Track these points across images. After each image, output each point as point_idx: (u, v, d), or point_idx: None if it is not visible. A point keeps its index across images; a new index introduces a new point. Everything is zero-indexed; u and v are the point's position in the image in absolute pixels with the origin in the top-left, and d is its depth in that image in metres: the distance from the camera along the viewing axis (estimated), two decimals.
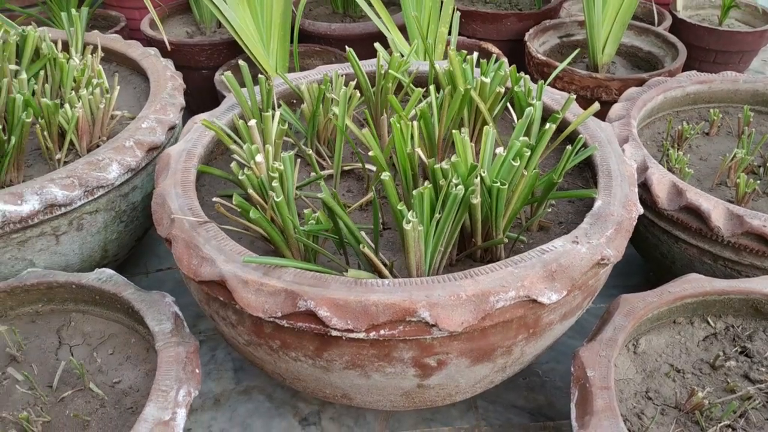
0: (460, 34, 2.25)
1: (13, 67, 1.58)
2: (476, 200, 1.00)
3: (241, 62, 1.41)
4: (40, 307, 1.30)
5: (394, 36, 1.98)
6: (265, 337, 1.03)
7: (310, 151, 1.28)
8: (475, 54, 1.40)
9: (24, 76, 1.50)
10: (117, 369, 1.20)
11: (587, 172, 1.37)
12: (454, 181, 1.00)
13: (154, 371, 1.17)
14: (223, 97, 2.00)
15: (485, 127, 1.10)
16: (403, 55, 1.79)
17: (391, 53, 1.97)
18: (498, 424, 1.39)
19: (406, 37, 2.06)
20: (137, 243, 1.65)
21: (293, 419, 1.41)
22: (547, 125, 1.14)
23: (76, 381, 1.17)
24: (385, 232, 1.23)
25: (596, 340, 1.10)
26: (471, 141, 1.35)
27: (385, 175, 1.00)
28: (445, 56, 2.09)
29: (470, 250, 1.13)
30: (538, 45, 2.28)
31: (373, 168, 1.33)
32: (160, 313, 1.19)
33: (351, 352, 0.99)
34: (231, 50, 2.23)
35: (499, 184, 1.01)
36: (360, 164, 1.34)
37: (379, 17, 1.98)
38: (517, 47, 2.32)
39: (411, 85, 1.43)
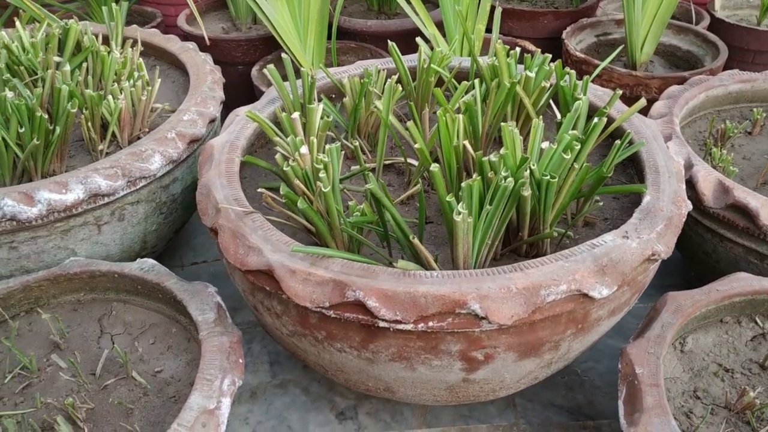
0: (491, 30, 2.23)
1: (56, 58, 1.60)
2: (527, 193, 0.99)
3: (284, 56, 1.41)
4: (82, 296, 1.31)
5: (432, 32, 1.97)
6: (311, 327, 1.03)
7: (356, 143, 1.28)
8: (518, 49, 1.39)
9: (67, 68, 1.52)
10: (158, 358, 1.20)
11: (631, 168, 1.35)
12: (503, 173, 0.99)
13: (195, 361, 1.17)
14: (260, 92, 2.00)
15: (534, 120, 1.09)
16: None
17: (432, 48, 1.96)
18: (537, 423, 1.37)
19: (443, 34, 2.05)
20: (175, 235, 1.66)
21: (330, 413, 1.41)
22: (596, 119, 1.12)
23: (119, 369, 1.17)
24: (426, 226, 1.22)
25: (644, 337, 1.08)
26: None
27: (434, 167, 0.99)
28: (483, 53, 2.07)
29: (516, 244, 1.12)
30: (575, 43, 2.26)
31: (414, 163, 1.32)
32: (203, 302, 1.19)
33: (398, 343, 0.98)
34: (266, 46, 2.23)
35: (549, 177, 1.00)
36: (402, 158, 1.33)
37: (417, 14, 1.98)
38: (553, 45, 2.30)
39: (453, 79, 1.43)
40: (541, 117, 1.27)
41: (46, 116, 1.35)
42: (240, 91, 2.23)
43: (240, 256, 1.04)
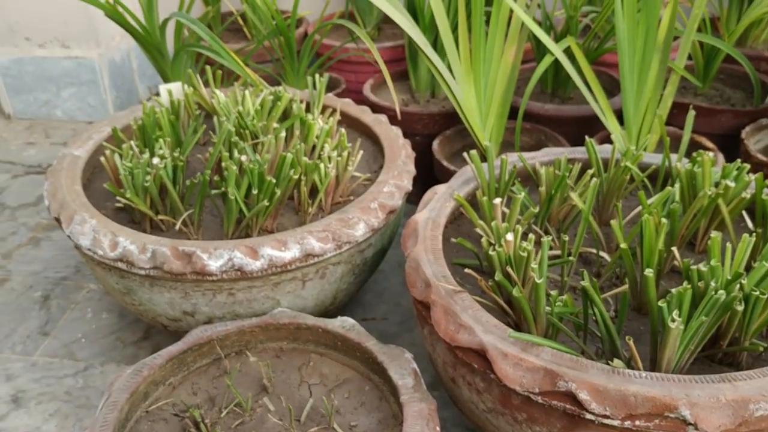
0: (668, 124, 2.26)
1: (274, 125, 1.78)
2: (740, 308, 1.03)
3: (486, 144, 1.52)
4: (285, 344, 1.45)
5: (612, 123, 2.03)
6: (512, 408, 1.10)
7: (550, 236, 1.36)
8: (720, 157, 1.43)
9: (283, 134, 1.69)
10: (353, 413, 1.31)
11: None
12: (713, 284, 1.04)
13: (386, 421, 1.27)
14: (440, 164, 2.13)
15: (744, 235, 1.13)
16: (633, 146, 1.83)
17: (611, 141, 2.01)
18: None
19: (620, 122, 2.11)
20: (356, 293, 1.78)
21: None
22: None
23: (320, 419, 1.28)
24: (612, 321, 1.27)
25: None
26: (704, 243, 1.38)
27: (649, 272, 1.05)
28: (658, 148, 2.11)
29: (712, 351, 1.15)
30: (753, 143, 2.25)
31: (607, 257, 1.38)
32: (401, 367, 1.29)
33: None
34: (445, 121, 2.37)
35: (759, 293, 1.04)
36: (594, 250, 1.40)
37: (597, 101, 2.05)
38: (729, 143, 2.30)
39: (645, 179, 1.48)
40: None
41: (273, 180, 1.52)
42: (417, 161, 2.36)
43: (450, 332, 1.14)
